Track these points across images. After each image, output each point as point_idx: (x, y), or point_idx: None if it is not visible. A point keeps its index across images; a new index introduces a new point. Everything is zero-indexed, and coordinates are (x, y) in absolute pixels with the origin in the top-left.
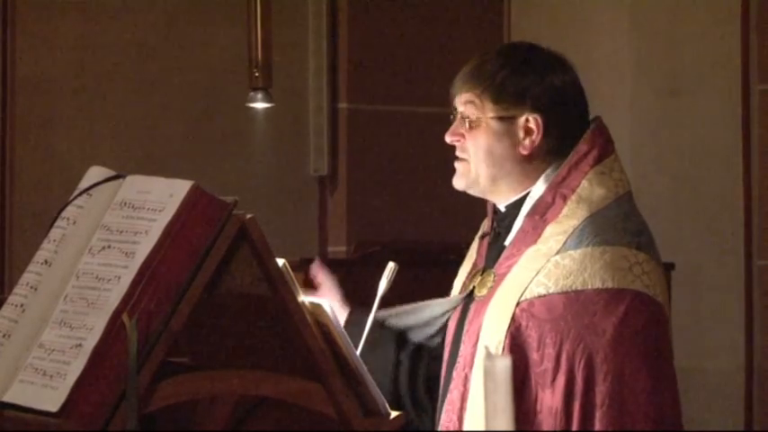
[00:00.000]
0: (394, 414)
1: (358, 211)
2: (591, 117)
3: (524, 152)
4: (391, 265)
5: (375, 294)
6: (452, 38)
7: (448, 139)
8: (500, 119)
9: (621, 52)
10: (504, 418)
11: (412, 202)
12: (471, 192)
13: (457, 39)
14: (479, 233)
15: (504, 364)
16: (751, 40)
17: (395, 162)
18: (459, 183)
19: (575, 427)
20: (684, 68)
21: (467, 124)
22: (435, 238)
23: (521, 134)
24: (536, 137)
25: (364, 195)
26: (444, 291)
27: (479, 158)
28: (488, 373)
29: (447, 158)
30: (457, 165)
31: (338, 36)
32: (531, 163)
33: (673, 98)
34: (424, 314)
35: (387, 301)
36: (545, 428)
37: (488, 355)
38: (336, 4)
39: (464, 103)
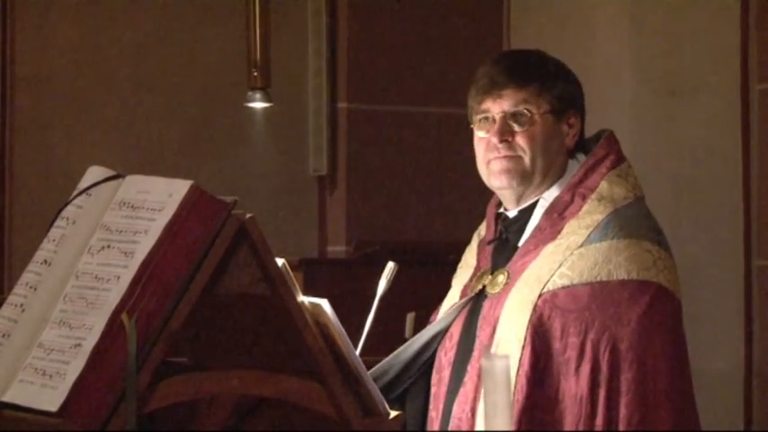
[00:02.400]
0: (393, 414)
1: (357, 211)
2: (589, 119)
3: (570, 145)
4: (391, 265)
5: (375, 294)
6: (452, 38)
7: (497, 138)
8: (554, 113)
9: (621, 52)
10: (504, 417)
11: (411, 201)
12: (513, 190)
13: (456, 39)
14: (477, 240)
15: (503, 364)
16: (750, 40)
17: (394, 162)
18: (508, 179)
19: (600, 413)
20: (684, 68)
21: (521, 121)
22: (435, 238)
23: (565, 128)
24: (576, 131)
25: (363, 195)
26: (444, 290)
27: (537, 152)
28: (487, 373)
29: (447, 158)
30: (505, 162)
31: (337, 36)
32: (567, 157)
33: (672, 98)
34: (407, 353)
35: (386, 301)
36: (569, 416)
37: (487, 355)
38: (336, 3)
39: (516, 101)
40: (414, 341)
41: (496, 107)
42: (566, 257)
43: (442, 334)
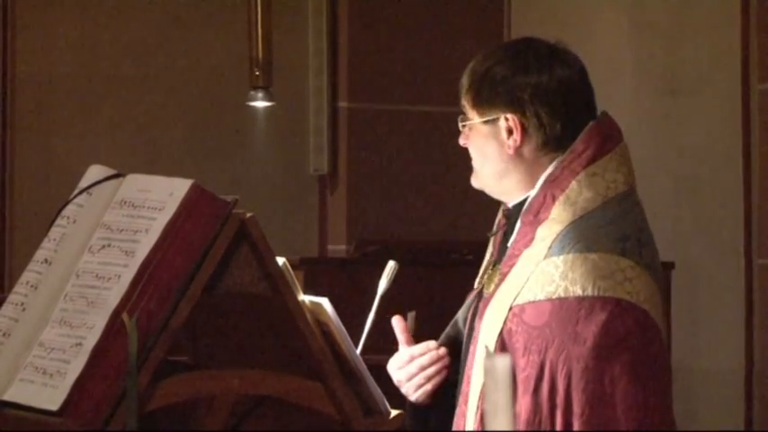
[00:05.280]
0: (394, 413)
1: (358, 210)
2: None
3: (510, 152)
4: (391, 264)
5: (375, 293)
6: (452, 38)
7: (461, 142)
8: (485, 123)
9: (622, 52)
10: (505, 418)
11: (412, 200)
12: (486, 191)
13: (457, 39)
14: (494, 230)
15: (504, 363)
16: (751, 40)
17: (395, 161)
18: (473, 182)
19: None
20: (684, 68)
21: (463, 134)
22: (435, 237)
23: (504, 135)
24: (517, 135)
25: (364, 194)
26: (444, 289)
27: (478, 160)
28: (488, 373)
29: (447, 157)
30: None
31: (338, 35)
32: (526, 160)
33: (673, 98)
34: (459, 326)
35: (387, 300)
36: None
37: (488, 355)
38: (336, 3)
39: (460, 113)
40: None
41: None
42: (532, 270)
43: (465, 323)
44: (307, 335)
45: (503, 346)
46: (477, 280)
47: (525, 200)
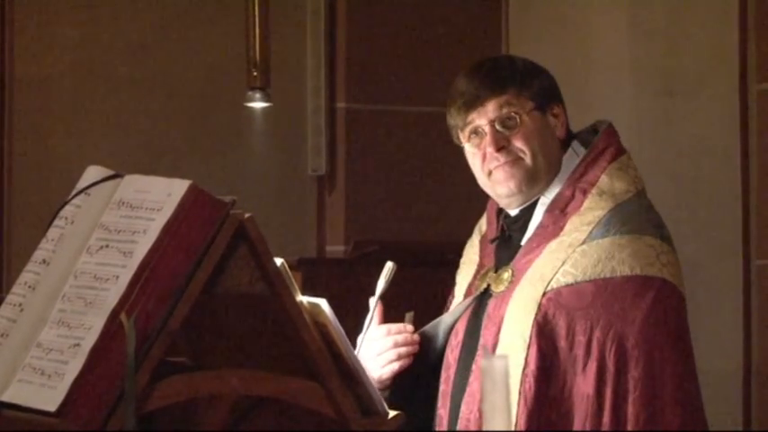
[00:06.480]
0: (392, 413)
1: (356, 211)
2: (589, 119)
3: (561, 135)
4: (389, 265)
5: (373, 294)
6: (451, 38)
7: (493, 148)
8: (538, 109)
9: (620, 52)
10: (502, 418)
11: (410, 201)
12: (521, 194)
13: (455, 39)
14: (478, 235)
15: (501, 364)
16: (749, 40)
17: (393, 162)
18: (515, 183)
19: (606, 411)
20: (683, 68)
21: (510, 125)
22: (433, 238)
23: (552, 121)
24: (563, 120)
25: (362, 195)
26: (442, 290)
27: (536, 149)
28: (486, 373)
29: (446, 158)
30: (507, 167)
31: (336, 35)
32: (561, 149)
33: (671, 98)
34: (439, 329)
35: (385, 301)
36: (576, 414)
37: (486, 355)
38: (334, 3)
39: (500, 107)
40: (435, 326)
41: (482, 118)
42: (568, 255)
43: (449, 328)
44: (305, 335)
45: (539, 331)
46: (466, 287)
47: (531, 204)
